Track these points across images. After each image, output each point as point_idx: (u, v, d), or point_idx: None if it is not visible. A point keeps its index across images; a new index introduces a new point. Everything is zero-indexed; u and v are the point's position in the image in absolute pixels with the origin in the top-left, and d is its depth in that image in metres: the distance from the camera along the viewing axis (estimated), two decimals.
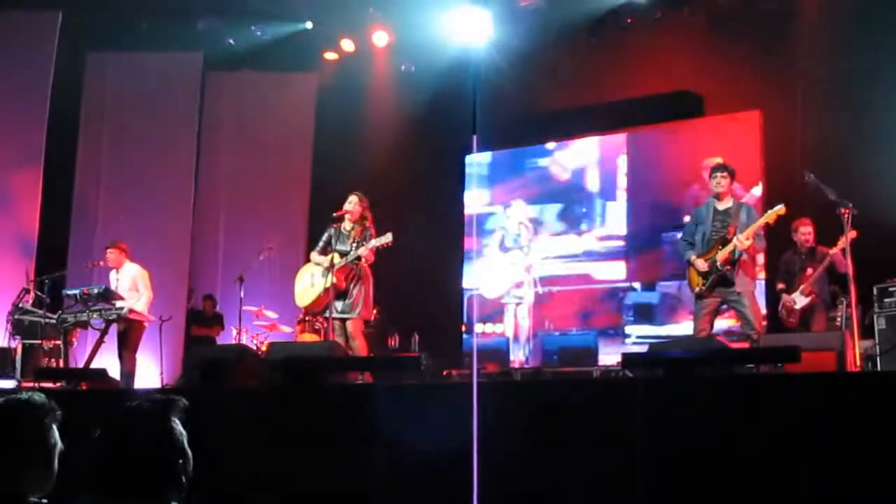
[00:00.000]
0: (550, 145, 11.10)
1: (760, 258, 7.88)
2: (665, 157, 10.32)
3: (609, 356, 9.52)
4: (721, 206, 6.66)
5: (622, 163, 10.59)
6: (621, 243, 10.47)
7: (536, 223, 11.03)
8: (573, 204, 10.86)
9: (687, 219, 9.84)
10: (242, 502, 4.54)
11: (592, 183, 10.77)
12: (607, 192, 10.67)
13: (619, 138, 10.68)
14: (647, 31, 10.18)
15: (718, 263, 6.46)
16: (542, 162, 11.18)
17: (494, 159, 11.56)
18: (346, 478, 4.42)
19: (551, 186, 11.05)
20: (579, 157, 10.91)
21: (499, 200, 11.38)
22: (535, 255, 10.95)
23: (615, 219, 10.55)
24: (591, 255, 10.59)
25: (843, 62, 8.72)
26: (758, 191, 9.22)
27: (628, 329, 10.21)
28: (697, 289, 6.59)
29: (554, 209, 10.98)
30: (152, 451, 2.14)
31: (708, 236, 6.63)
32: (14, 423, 2.25)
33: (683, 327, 9.49)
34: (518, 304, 10.90)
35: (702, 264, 6.55)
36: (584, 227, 10.71)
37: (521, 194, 11.21)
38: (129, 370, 8.10)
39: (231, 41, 11.31)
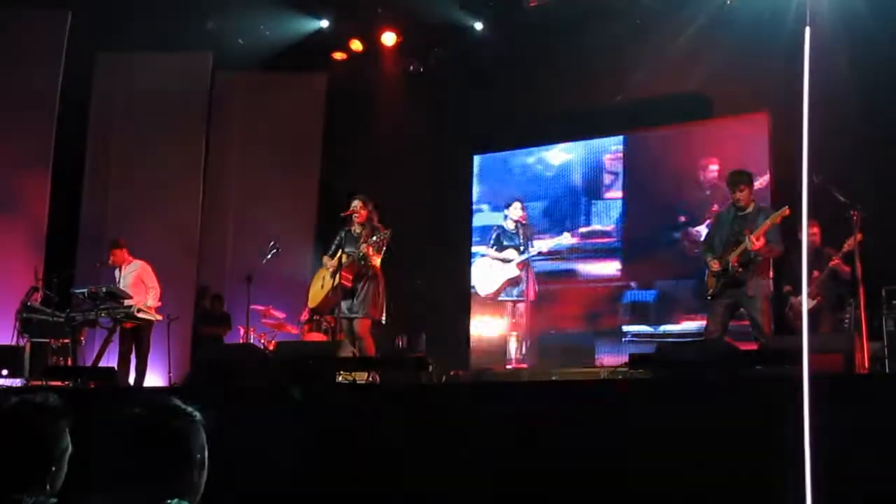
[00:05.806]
0: (554, 145, 11.05)
1: None
2: (672, 158, 10.27)
3: (606, 356, 9.52)
4: (743, 211, 6.72)
5: (630, 162, 10.57)
6: (614, 241, 10.43)
7: (535, 223, 10.98)
8: (577, 204, 10.81)
9: (682, 219, 9.94)
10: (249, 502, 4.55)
11: (598, 183, 10.74)
12: (612, 191, 10.64)
13: (627, 139, 10.63)
14: (655, 31, 10.12)
15: (731, 265, 6.49)
16: (542, 161, 11.14)
17: (494, 159, 11.56)
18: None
19: (550, 186, 10.99)
20: (581, 157, 10.87)
21: (498, 199, 11.34)
22: (532, 253, 10.88)
23: (622, 218, 10.50)
24: (593, 255, 10.55)
25: (852, 64, 8.68)
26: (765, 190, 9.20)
27: (625, 328, 10.14)
28: (711, 290, 6.65)
29: (554, 208, 10.93)
30: (170, 451, 2.10)
31: (726, 239, 6.67)
32: (29, 425, 2.25)
33: (681, 327, 9.48)
34: (515, 304, 10.87)
35: (715, 266, 6.61)
36: (594, 226, 10.66)
37: (521, 194, 11.15)
38: (141, 369, 8.16)
39: (240, 41, 11.32)
